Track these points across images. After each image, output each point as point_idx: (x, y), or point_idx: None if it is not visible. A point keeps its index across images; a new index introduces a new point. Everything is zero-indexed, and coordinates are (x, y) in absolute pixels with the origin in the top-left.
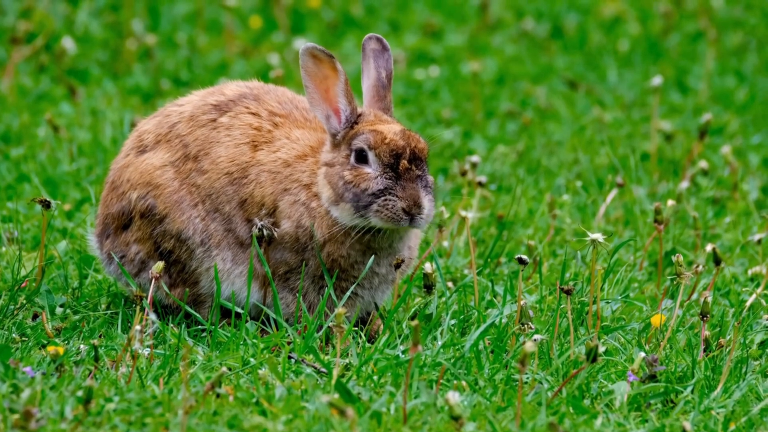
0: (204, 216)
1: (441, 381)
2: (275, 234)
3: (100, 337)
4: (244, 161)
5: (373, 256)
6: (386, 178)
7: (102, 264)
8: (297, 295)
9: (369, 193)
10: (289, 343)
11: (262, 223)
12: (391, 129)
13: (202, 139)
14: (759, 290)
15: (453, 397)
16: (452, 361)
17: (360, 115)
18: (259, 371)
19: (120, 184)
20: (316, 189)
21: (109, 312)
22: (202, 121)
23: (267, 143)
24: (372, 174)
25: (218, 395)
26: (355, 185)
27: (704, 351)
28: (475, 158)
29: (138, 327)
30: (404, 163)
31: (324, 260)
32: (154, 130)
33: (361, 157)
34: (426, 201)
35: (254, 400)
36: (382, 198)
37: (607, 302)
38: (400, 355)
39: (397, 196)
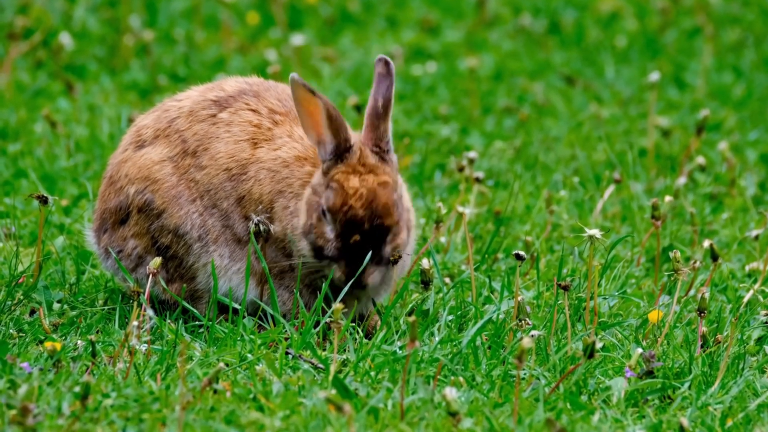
0: (202, 211)
1: (438, 377)
2: (272, 229)
3: (97, 332)
4: (243, 158)
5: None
6: (335, 248)
7: (99, 259)
8: (292, 292)
9: (321, 252)
10: (286, 339)
11: (258, 218)
12: (360, 189)
13: (201, 134)
14: (756, 286)
15: (450, 393)
16: (449, 357)
17: (348, 149)
18: (257, 367)
19: (118, 178)
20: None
21: (106, 308)
22: (201, 117)
23: (267, 141)
24: (327, 235)
25: (215, 391)
26: (315, 236)
27: (701, 347)
28: (472, 154)
29: (135, 323)
30: (356, 237)
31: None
32: (153, 125)
33: (324, 214)
34: (371, 278)
35: (251, 395)
36: (327, 261)
37: (605, 298)
38: (398, 351)
39: (338, 268)
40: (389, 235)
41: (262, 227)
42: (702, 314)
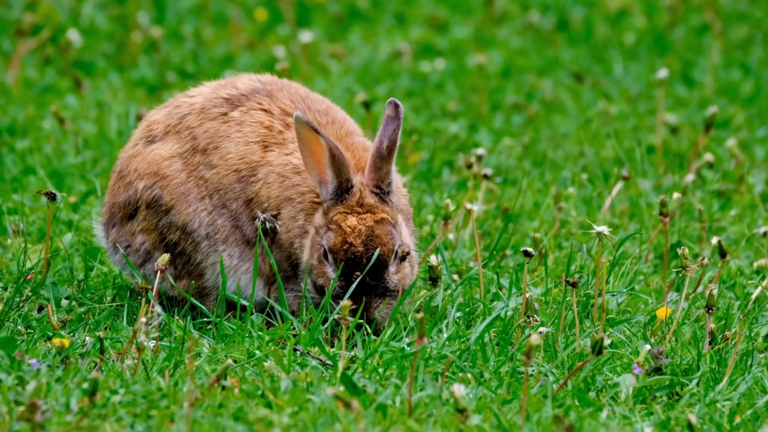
0: (211, 210)
1: (446, 373)
2: (278, 227)
3: (105, 329)
4: (253, 160)
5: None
6: (339, 287)
7: (108, 253)
8: (297, 296)
9: (324, 290)
10: (294, 336)
11: (264, 216)
12: (358, 227)
13: (212, 132)
14: (764, 283)
15: (458, 389)
16: (457, 353)
17: (349, 189)
18: (265, 363)
19: (127, 173)
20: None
21: (114, 304)
22: (212, 114)
23: (278, 145)
24: (329, 275)
25: (224, 387)
26: (316, 275)
27: (710, 344)
28: (480, 151)
29: (143, 319)
30: (357, 274)
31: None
32: (164, 121)
33: (326, 254)
34: (376, 312)
35: (260, 392)
36: (332, 300)
37: (613, 295)
38: (406, 347)
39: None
40: (390, 266)
41: (268, 225)
42: (710, 311)
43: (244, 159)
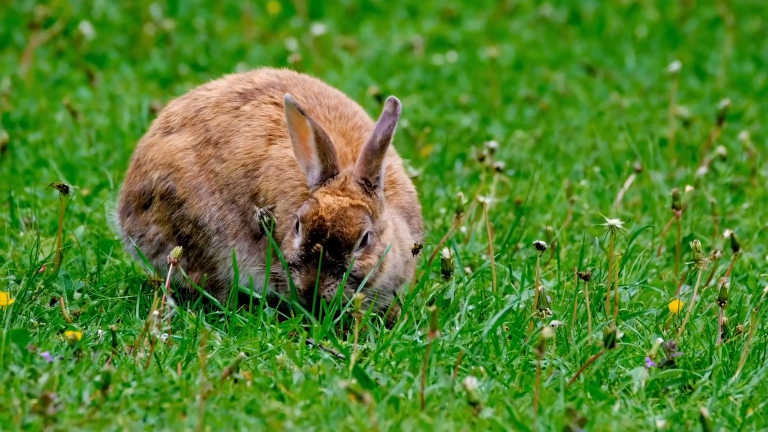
0: (221, 205)
1: (459, 366)
2: (275, 219)
3: (117, 322)
4: (258, 154)
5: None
6: (298, 255)
7: (122, 240)
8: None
9: (287, 261)
10: (306, 329)
11: (261, 210)
12: (331, 205)
13: (224, 126)
14: None
15: (471, 382)
16: (470, 346)
17: (334, 175)
18: (277, 356)
19: (144, 162)
20: None
21: (127, 297)
22: (226, 108)
23: (281, 137)
24: (294, 245)
25: (236, 380)
26: (284, 246)
27: (722, 337)
28: (493, 144)
29: (156, 312)
30: (317, 246)
31: None
32: (181, 113)
33: (297, 226)
34: (326, 290)
35: (272, 385)
36: (291, 268)
37: (625, 288)
38: (418, 340)
39: (297, 275)
40: (352, 249)
41: (265, 218)
42: (723, 304)
43: (251, 153)
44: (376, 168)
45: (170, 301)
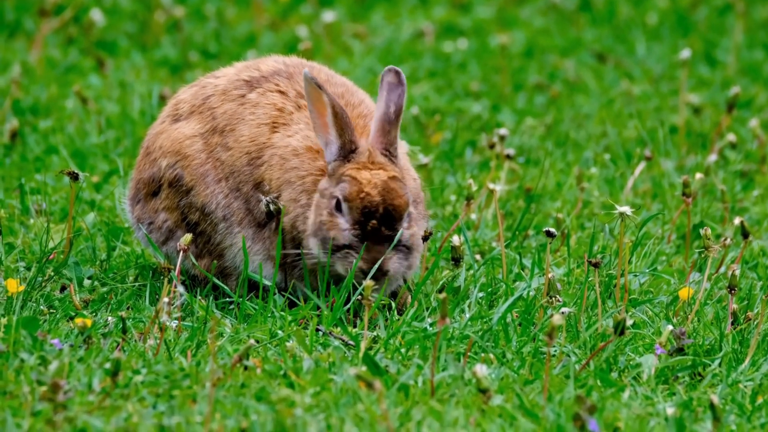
0: (227, 193)
1: (469, 354)
2: (281, 207)
3: (127, 309)
4: (261, 142)
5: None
6: (353, 235)
7: (132, 227)
8: (302, 281)
9: (335, 243)
10: (317, 316)
11: (267, 198)
12: (373, 180)
13: (230, 114)
14: None
15: (480, 369)
16: (480, 333)
17: (355, 150)
18: (287, 344)
19: (153, 150)
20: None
21: (137, 284)
22: (232, 96)
23: (284, 126)
24: (342, 225)
25: (246, 368)
26: (327, 229)
27: (732, 324)
28: (503, 131)
29: (166, 299)
30: (373, 223)
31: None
32: (190, 100)
33: (338, 206)
34: (391, 264)
35: (282, 372)
36: (345, 251)
37: (635, 275)
38: (428, 327)
39: (357, 255)
40: (404, 220)
41: (272, 207)
42: (732, 291)
43: (254, 141)
44: (394, 138)
45: (180, 288)
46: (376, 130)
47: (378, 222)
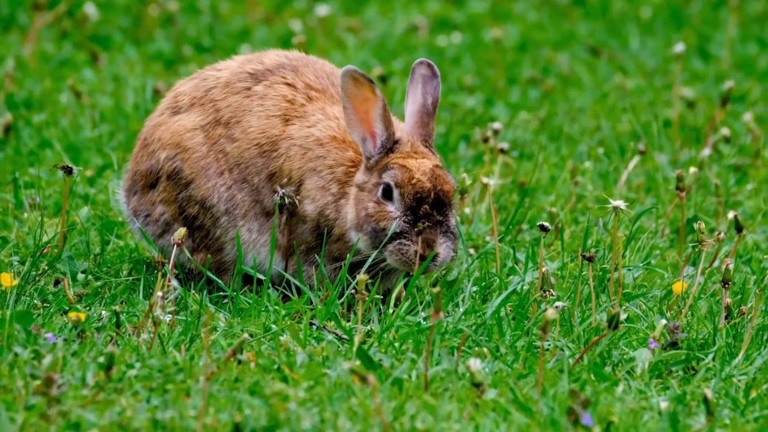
0: (230, 185)
1: (462, 348)
2: (297, 202)
3: (121, 303)
4: (274, 134)
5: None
6: (405, 222)
7: (127, 219)
8: (317, 268)
9: (387, 233)
10: (311, 310)
11: (284, 191)
12: (421, 167)
13: (235, 106)
14: None
15: (474, 364)
16: (474, 328)
17: (397, 141)
18: (281, 338)
19: (151, 141)
20: (349, 191)
21: (130, 278)
22: (236, 88)
23: (299, 118)
24: (393, 214)
25: (240, 362)
26: (376, 221)
27: (726, 318)
28: (497, 125)
29: (160, 293)
30: (426, 207)
31: (339, 247)
32: (190, 93)
33: (387, 193)
34: (443, 249)
35: (276, 366)
36: (398, 241)
37: (629, 269)
38: (422, 321)
39: (412, 241)
40: (452, 208)
41: (287, 200)
42: (726, 285)
43: (266, 133)
44: (432, 129)
45: (174, 282)
46: (414, 122)
47: (429, 207)
